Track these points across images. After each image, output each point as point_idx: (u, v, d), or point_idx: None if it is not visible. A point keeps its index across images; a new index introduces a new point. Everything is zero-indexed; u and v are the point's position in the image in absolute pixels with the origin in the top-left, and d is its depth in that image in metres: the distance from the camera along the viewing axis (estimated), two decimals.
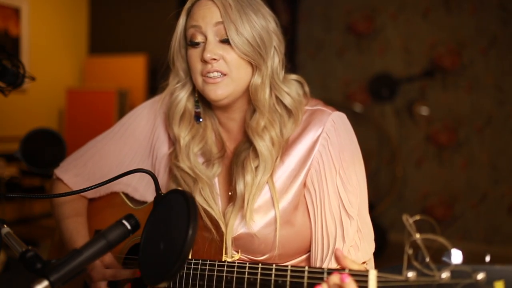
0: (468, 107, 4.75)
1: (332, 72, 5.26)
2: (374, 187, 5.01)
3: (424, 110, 4.87)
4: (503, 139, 4.65)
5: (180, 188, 0.83)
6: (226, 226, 1.06)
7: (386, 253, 4.37)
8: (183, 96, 1.15)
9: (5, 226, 0.85)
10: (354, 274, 0.77)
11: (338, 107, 1.16)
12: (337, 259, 0.84)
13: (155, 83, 1.25)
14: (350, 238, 1.04)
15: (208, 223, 1.06)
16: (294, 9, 5.30)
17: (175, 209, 0.80)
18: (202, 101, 1.17)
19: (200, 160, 1.15)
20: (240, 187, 1.07)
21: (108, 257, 1.10)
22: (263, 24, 1.06)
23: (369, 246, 1.08)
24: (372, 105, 5.10)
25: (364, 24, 5.12)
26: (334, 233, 1.05)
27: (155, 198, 0.90)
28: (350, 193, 1.06)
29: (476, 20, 4.68)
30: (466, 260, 0.69)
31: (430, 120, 4.89)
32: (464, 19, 4.73)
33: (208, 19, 1.04)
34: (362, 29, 5.13)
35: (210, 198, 1.10)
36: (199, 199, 1.09)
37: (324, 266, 1.04)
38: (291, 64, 1.18)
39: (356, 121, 4.98)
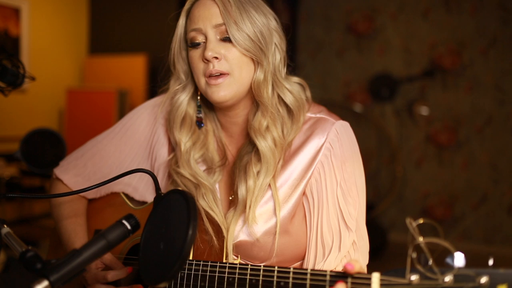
0: (468, 107, 4.74)
1: (332, 72, 5.26)
2: (374, 187, 5.01)
3: (424, 110, 4.87)
4: (503, 139, 4.65)
5: (179, 188, 0.83)
6: (227, 230, 1.06)
7: (386, 253, 4.37)
8: (183, 99, 1.14)
9: (5, 226, 0.84)
10: (357, 277, 0.77)
11: (338, 107, 1.16)
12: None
13: (155, 83, 1.25)
14: (346, 249, 1.04)
15: (209, 228, 1.05)
16: (294, 9, 5.30)
17: (175, 209, 0.79)
18: (204, 103, 1.16)
19: (202, 167, 1.15)
20: (242, 191, 1.06)
21: (108, 257, 1.10)
22: (263, 21, 1.06)
23: (363, 258, 1.07)
24: (372, 105, 5.10)
25: (364, 24, 5.12)
26: (331, 243, 1.04)
27: (155, 198, 0.90)
28: (350, 205, 1.06)
29: (476, 20, 4.68)
30: (466, 260, 0.69)
31: (430, 120, 4.88)
32: (464, 19, 4.73)
33: (208, 20, 1.04)
34: (362, 29, 5.13)
35: (213, 203, 1.09)
36: (202, 203, 1.08)
37: None
38: (292, 63, 1.17)
39: (356, 121, 4.98)
